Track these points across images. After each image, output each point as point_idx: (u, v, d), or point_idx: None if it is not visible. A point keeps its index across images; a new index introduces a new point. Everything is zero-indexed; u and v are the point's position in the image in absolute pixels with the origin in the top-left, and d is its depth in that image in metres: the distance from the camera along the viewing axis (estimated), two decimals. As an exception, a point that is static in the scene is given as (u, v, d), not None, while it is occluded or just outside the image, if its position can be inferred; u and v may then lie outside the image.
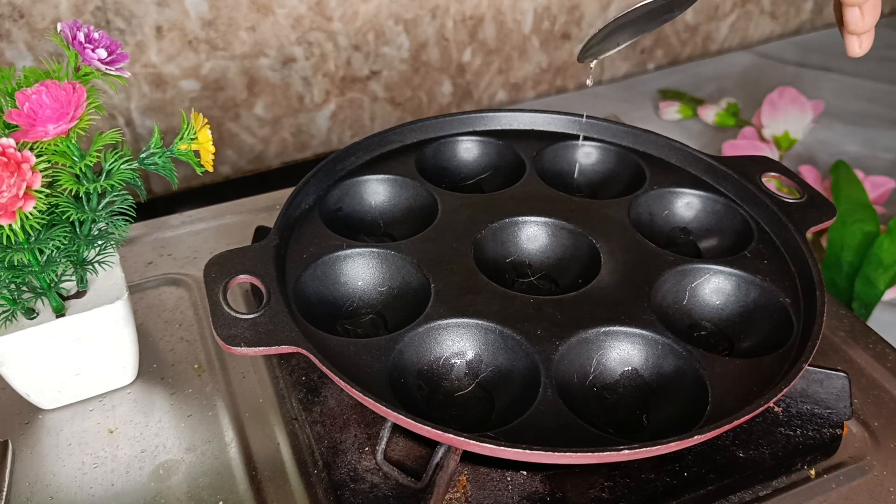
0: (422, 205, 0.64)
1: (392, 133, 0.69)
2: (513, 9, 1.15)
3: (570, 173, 0.71)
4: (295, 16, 0.99)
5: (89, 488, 0.51)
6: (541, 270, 0.61)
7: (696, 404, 0.49)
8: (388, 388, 0.48)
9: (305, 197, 0.61)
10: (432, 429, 0.43)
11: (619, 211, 0.63)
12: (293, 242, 0.58)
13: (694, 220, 0.65)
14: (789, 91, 1.09)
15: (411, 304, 0.55)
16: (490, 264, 0.59)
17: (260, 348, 0.47)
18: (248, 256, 0.53)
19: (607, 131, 0.71)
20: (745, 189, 0.64)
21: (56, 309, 0.52)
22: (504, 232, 0.61)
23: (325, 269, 0.57)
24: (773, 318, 0.55)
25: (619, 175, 0.70)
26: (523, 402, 0.48)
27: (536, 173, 0.67)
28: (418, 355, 0.52)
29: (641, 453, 0.43)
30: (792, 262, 0.58)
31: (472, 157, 0.71)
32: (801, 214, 0.61)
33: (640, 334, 0.52)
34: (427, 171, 0.67)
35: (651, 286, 0.55)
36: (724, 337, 0.56)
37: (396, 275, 0.57)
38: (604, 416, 0.51)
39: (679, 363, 0.51)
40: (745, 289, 0.57)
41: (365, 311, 0.57)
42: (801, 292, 0.56)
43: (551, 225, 0.62)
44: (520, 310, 0.53)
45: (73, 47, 0.46)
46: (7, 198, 0.41)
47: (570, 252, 0.61)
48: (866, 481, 0.51)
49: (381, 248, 0.58)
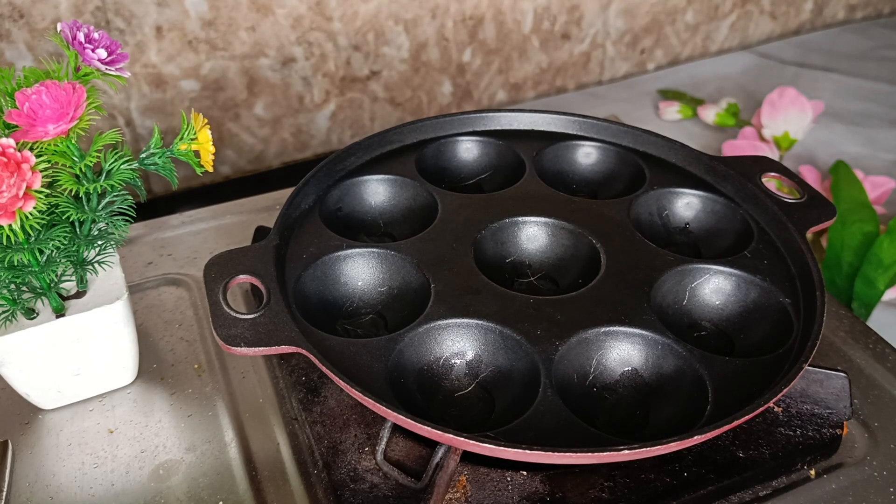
0: (422, 205, 0.64)
1: (392, 133, 0.69)
2: (513, 9, 1.15)
3: (570, 173, 0.71)
4: (295, 16, 0.99)
5: (89, 488, 0.51)
6: (541, 270, 0.61)
7: (696, 404, 0.49)
8: (388, 388, 0.48)
9: (305, 197, 0.61)
10: (432, 429, 0.43)
11: (619, 211, 0.63)
12: (293, 242, 0.58)
13: (694, 220, 0.65)
14: (789, 91, 1.09)
15: (411, 304, 0.55)
16: (490, 264, 0.59)
17: (260, 348, 0.47)
18: (248, 256, 0.53)
19: (607, 131, 0.71)
20: (745, 189, 0.64)
21: (56, 309, 0.52)
22: (504, 232, 0.61)
23: (324, 269, 0.57)
24: (773, 318, 0.55)
25: (619, 175, 0.70)
26: (523, 402, 0.48)
27: (536, 173, 0.67)
28: (418, 355, 0.52)
29: (641, 453, 0.43)
30: (792, 262, 0.58)
31: (472, 157, 0.71)
32: (801, 214, 0.61)
33: (640, 334, 0.52)
34: (427, 172, 0.67)
35: (651, 286, 0.55)
36: (724, 337, 0.56)
37: (396, 275, 0.57)
38: (604, 416, 0.50)
39: (679, 363, 0.51)
40: (745, 289, 0.57)
41: (365, 311, 0.57)
42: (801, 292, 0.55)
43: (551, 225, 0.62)
44: (520, 310, 0.53)
45: (73, 47, 0.46)
46: (7, 198, 0.41)
47: (570, 252, 0.61)
48: (866, 481, 0.51)
49: (380, 248, 0.58)
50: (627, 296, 0.55)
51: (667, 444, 0.43)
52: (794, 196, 0.63)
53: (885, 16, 1.54)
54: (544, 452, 0.42)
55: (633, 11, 1.26)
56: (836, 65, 1.31)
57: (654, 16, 1.29)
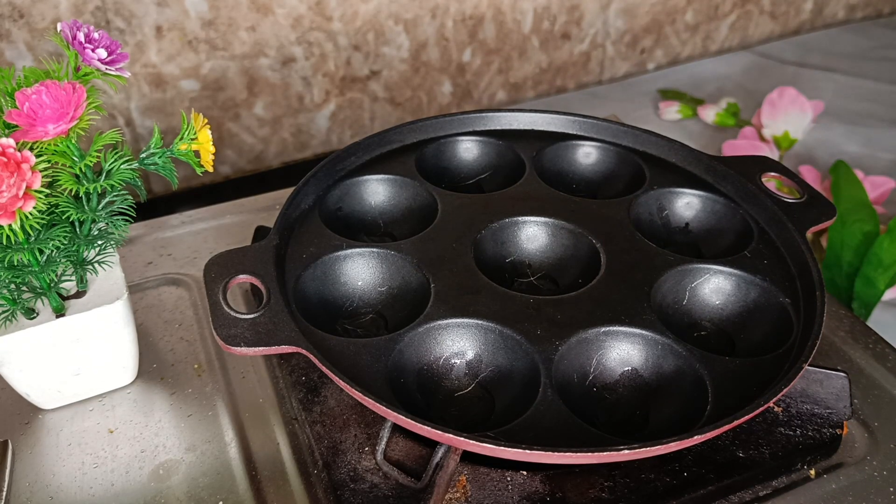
0: (422, 205, 0.64)
1: (392, 133, 0.69)
2: (513, 9, 1.15)
3: (570, 173, 0.71)
4: (295, 16, 0.99)
5: (89, 488, 0.51)
6: (541, 270, 0.61)
7: (696, 404, 0.49)
8: (388, 387, 0.48)
9: (305, 197, 0.61)
10: (432, 429, 0.43)
11: (619, 211, 0.63)
12: (293, 242, 0.58)
13: (694, 219, 0.65)
14: (789, 91, 1.09)
15: (411, 304, 0.55)
16: (490, 264, 0.59)
17: (260, 348, 0.47)
18: (248, 256, 0.53)
19: (607, 131, 0.71)
20: (744, 189, 0.64)
21: (56, 309, 0.52)
22: (504, 232, 0.61)
23: (324, 269, 0.57)
24: (773, 318, 0.55)
25: (619, 175, 0.70)
26: (523, 402, 0.48)
27: (536, 173, 0.67)
28: (418, 355, 0.52)
29: (641, 453, 0.43)
30: (792, 262, 0.58)
31: (472, 156, 0.71)
32: (801, 214, 0.61)
33: (641, 334, 0.52)
34: (427, 171, 0.67)
35: (651, 286, 0.55)
36: (725, 337, 0.56)
37: (396, 275, 0.57)
38: (604, 415, 0.51)
39: (679, 363, 0.51)
40: (745, 289, 0.57)
41: (365, 311, 0.57)
42: (801, 292, 0.55)
43: (551, 225, 0.62)
44: (520, 310, 0.53)
45: (73, 47, 0.46)
46: (7, 198, 0.41)
47: (570, 252, 0.61)
48: (866, 481, 0.51)
49: (380, 248, 0.58)
50: (627, 295, 0.55)
51: (667, 444, 0.43)
52: (794, 196, 0.63)
53: (885, 16, 1.54)
54: (544, 452, 0.42)
55: (633, 11, 1.26)
56: (836, 65, 1.31)
57: (654, 16, 1.29)
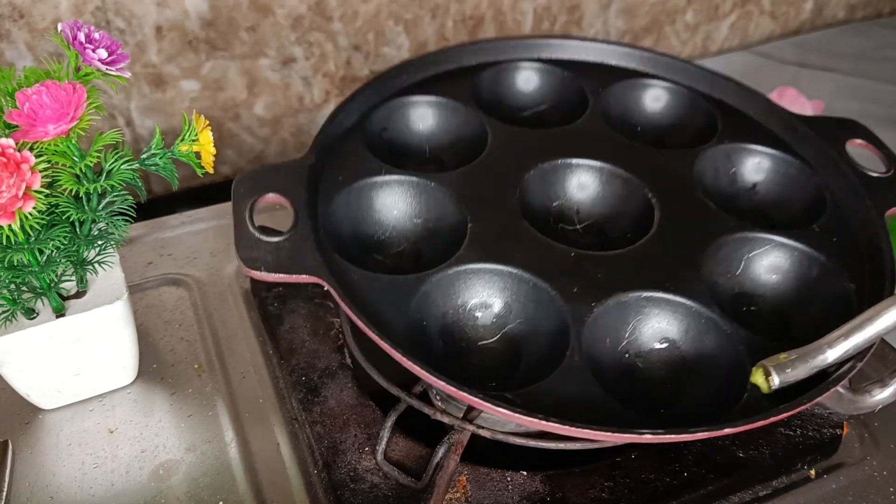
0: (471, 134, 0.60)
1: (449, 52, 0.64)
2: (513, 9, 1.15)
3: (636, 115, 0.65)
4: (295, 16, 0.98)
5: (89, 488, 0.51)
6: (589, 219, 0.56)
7: (732, 390, 0.45)
8: (409, 329, 0.45)
9: (349, 115, 0.57)
10: (446, 384, 0.41)
11: (682, 164, 0.57)
12: (330, 163, 0.54)
13: (763, 182, 0.59)
14: (789, 91, 1.09)
15: (444, 242, 0.52)
16: (535, 206, 0.55)
17: (280, 275, 0.44)
18: (281, 175, 0.50)
19: (683, 73, 0.65)
20: (825, 154, 0.57)
21: (56, 309, 0.52)
22: (554, 174, 0.57)
23: (360, 195, 0.53)
24: (832, 304, 0.50)
25: (688, 123, 0.64)
26: (547, 364, 0.45)
27: (599, 112, 0.62)
28: (445, 298, 0.49)
29: (665, 439, 0.40)
30: (864, 243, 0.52)
31: (532, 87, 0.66)
32: (883, 192, 0.54)
33: (684, 304, 0.48)
34: (482, 98, 0.62)
35: (703, 252, 0.51)
36: (776, 317, 0.52)
37: (434, 208, 0.54)
38: (630, 388, 0.47)
39: (721, 342, 0.47)
40: (807, 266, 0.51)
41: (396, 243, 0.54)
42: (869, 278, 0.50)
43: (606, 171, 0.56)
44: (558, 263, 0.49)
45: (74, 47, 0.46)
46: (7, 198, 0.41)
47: (622, 203, 0.56)
48: (866, 481, 0.51)
49: (421, 178, 0.54)
50: (676, 259, 0.50)
51: (693, 434, 0.40)
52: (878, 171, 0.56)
53: (885, 16, 1.54)
54: (561, 425, 0.39)
55: (633, 11, 1.26)
56: (836, 65, 1.31)
57: (654, 16, 1.29)
